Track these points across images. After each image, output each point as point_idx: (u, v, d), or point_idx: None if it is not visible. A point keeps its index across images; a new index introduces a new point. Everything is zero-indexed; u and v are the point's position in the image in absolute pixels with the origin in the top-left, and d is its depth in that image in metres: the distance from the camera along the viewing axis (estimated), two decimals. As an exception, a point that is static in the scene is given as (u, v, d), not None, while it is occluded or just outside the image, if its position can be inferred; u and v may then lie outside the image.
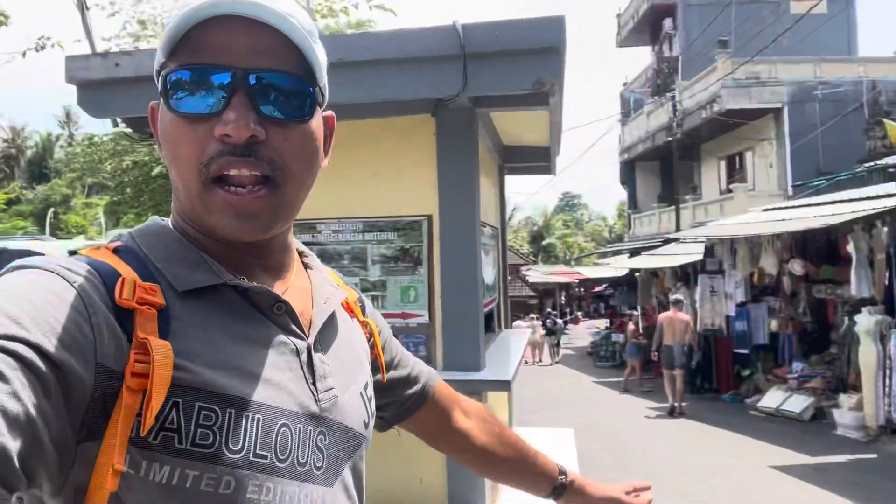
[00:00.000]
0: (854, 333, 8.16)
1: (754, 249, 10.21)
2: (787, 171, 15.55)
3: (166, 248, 0.72)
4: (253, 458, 0.65)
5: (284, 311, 0.74)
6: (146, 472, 0.61)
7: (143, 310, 0.64)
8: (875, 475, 6.49)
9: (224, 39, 0.66)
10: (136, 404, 0.60)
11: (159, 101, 0.73)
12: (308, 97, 0.71)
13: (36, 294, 0.59)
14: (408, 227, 3.64)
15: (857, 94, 14.85)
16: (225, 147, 0.66)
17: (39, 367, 0.54)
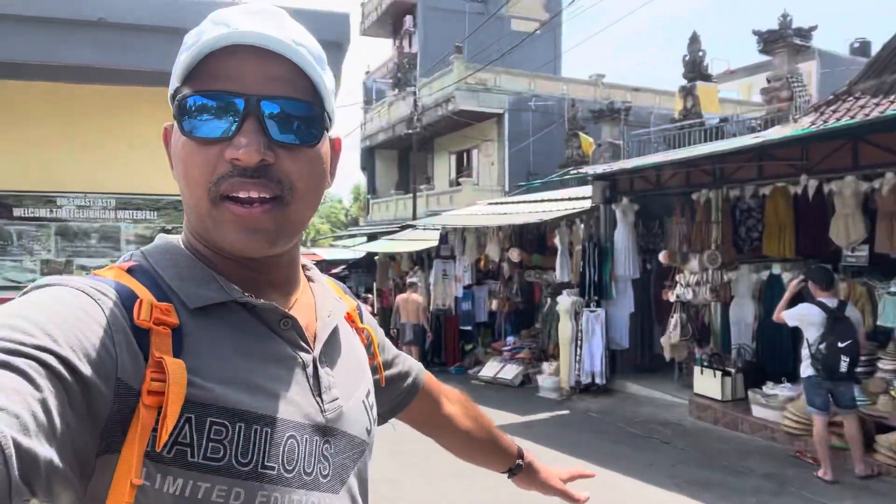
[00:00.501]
0: (555, 312, 9.77)
1: (481, 238, 11.52)
2: (506, 170, 17.72)
3: (177, 265, 0.75)
4: (261, 469, 0.68)
5: (291, 327, 0.77)
6: (161, 484, 0.64)
7: (159, 329, 0.67)
8: (567, 428, 7.92)
9: (237, 67, 0.70)
10: (151, 420, 0.63)
11: (172, 123, 0.76)
12: (317, 122, 0.74)
13: (65, 309, 0.61)
14: (171, 206, 3.46)
15: (561, 108, 17.51)
16: (236, 169, 0.70)
17: (67, 379, 0.57)
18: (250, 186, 0.70)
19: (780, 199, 7.20)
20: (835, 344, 5.36)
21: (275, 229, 0.72)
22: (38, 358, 0.55)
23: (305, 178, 0.73)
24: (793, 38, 10.61)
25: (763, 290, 7.73)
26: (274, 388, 0.72)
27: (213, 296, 0.73)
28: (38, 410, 0.52)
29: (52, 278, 0.67)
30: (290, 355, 0.77)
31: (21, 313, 0.59)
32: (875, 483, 5.59)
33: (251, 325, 0.75)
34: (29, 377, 0.53)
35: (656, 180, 8.78)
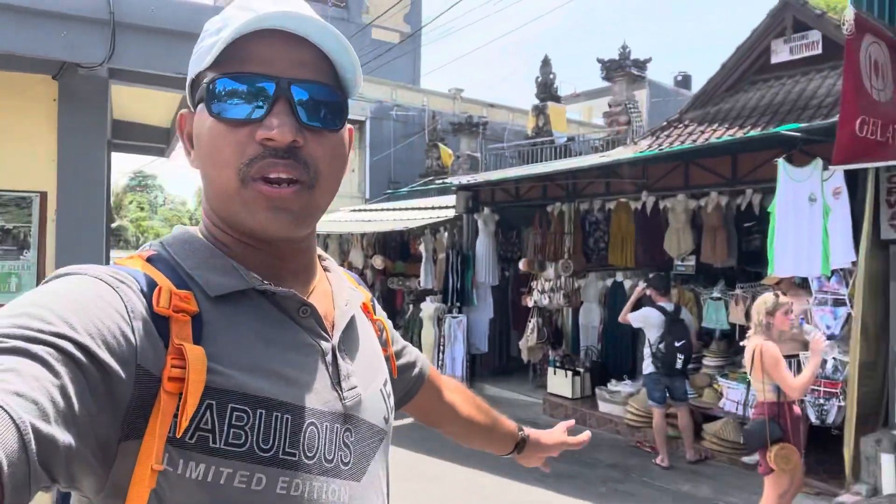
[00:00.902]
0: (418, 318, 9.94)
1: (344, 245, 11.44)
2: (367, 178, 17.72)
3: (196, 254, 0.75)
4: (282, 455, 0.69)
5: (310, 314, 0.78)
6: (183, 469, 0.64)
7: (179, 317, 0.67)
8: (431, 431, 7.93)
9: (267, 51, 0.71)
10: (172, 406, 0.63)
11: (191, 110, 0.77)
12: (340, 108, 0.76)
13: (84, 297, 0.62)
14: (12, 203, 3.16)
15: (421, 119, 17.88)
16: (266, 150, 0.70)
17: (87, 366, 0.57)
18: (281, 168, 0.71)
19: (624, 214, 7.92)
20: (672, 343, 6.02)
21: (300, 211, 0.73)
22: (57, 345, 0.55)
23: (329, 162, 0.75)
24: (631, 67, 11.73)
25: (608, 296, 8.44)
26: (294, 376, 0.73)
27: (233, 283, 0.73)
28: (57, 397, 0.53)
29: (72, 267, 0.67)
30: (310, 343, 0.77)
31: (40, 302, 0.59)
32: (703, 467, 6.32)
33: (270, 312, 0.75)
34: (48, 364, 0.54)
35: (515, 192, 9.28)
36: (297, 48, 0.72)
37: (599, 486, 5.90)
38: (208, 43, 0.73)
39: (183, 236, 0.78)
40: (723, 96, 7.72)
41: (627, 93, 11.68)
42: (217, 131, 0.72)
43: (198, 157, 0.76)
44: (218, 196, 0.75)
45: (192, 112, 0.77)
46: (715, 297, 7.05)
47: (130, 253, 0.76)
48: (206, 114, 0.72)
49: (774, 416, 4.02)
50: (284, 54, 0.72)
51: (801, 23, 7.01)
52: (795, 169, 5.25)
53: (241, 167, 0.71)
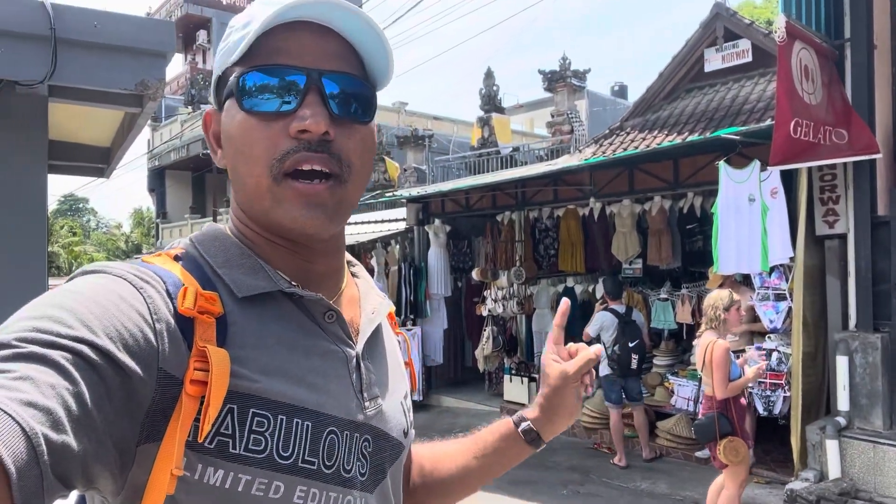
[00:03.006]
0: (371, 332, 9.86)
1: (292, 262, 11.26)
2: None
3: (226, 253, 0.73)
4: (302, 463, 0.68)
5: (335, 320, 0.76)
6: (201, 475, 0.63)
7: (203, 318, 0.65)
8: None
9: (295, 43, 0.70)
10: (194, 410, 0.62)
11: (217, 107, 0.75)
12: (371, 100, 0.75)
13: (106, 298, 0.60)
14: None
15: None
16: (300, 143, 0.69)
17: (106, 370, 0.56)
18: (314, 160, 0.69)
19: (572, 220, 8.10)
20: (626, 344, 6.17)
21: (334, 206, 0.72)
22: (76, 350, 0.54)
23: (360, 155, 0.74)
24: (571, 78, 12.03)
25: (559, 302, 8.57)
26: (316, 382, 0.72)
27: (261, 285, 0.71)
28: (72, 404, 0.52)
29: (96, 265, 0.66)
30: (334, 350, 0.75)
31: (60, 303, 0.58)
32: (659, 463, 6.48)
33: (296, 316, 0.74)
34: (64, 370, 0.53)
35: (465, 203, 9.35)
36: (326, 39, 0.72)
37: (560, 490, 5.96)
38: (235, 38, 0.72)
39: (213, 233, 0.77)
40: (661, 104, 8.01)
41: (569, 103, 11.96)
42: (248, 126, 0.70)
43: (227, 154, 0.74)
44: (249, 193, 0.73)
45: (219, 110, 0.76)
46: (662, 298, 7.28)
47: (159, 251, 0.74)
48: (236, 108, 0.71)
49: (722, 410, 4.16)
50: (313, 46, 0.71)
51: (731, 32, 7.35)
52: (735, 171, 5.49)
53: (273, 163, 0.69)
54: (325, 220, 0.71)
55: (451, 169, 14.58)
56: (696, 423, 4.33)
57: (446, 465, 1.02)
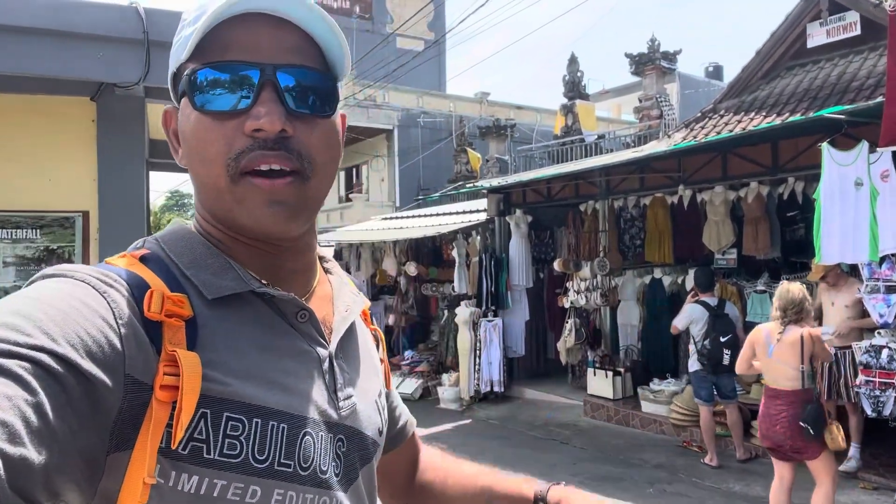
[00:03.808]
0: (453, 323, 9.91)
1: (376, 253, 11.49)
2: (396, 186, 17.80)
3: (193, 253, 0.71)
4: (278, 466, 0.66)
5: (308, 320, 0.74)
6: (175, 481, 0.61)
7: (171, 322, 0.63)
8: (470, 436, 8.04)
9: (249, 37, 0.67)
10: (165, 416, 0.60)
11: (175, 105, 0.72)
12: (331, 93, 0.72)
13: (67, 303, 0.58)
14: (56, 224, 3.21)
15: (449, 125, 17.90)
16: (255, 142, 0.66)
17: (67, 378, 0.54)
18: (271, 159, 0.67)
19: (660, 209, 7.78)
20: (717, 339, 5.87)
21: (296, 203, 0.69)
22: (34, 358, 0.52)
23: (323, 150, 0.71)
24: (660, 61, 11.54)
25: (646, 294, 8.29)
26: (290, 384, 0.70)
27: (231, 285, 0.69)
28: (31, 415, 0.50)
29: (59, 268, 0.63)
30: (306, 350, 0.74)
31: (18, 310, 0.56)
32: (753, 465, 6.14)
33: (267, 316, 0.72)
34: (22, 380, 0.51)
35: (547, 193, 9.19)
36: (281, 32, 0.68)
37: (647, 488, 5.77)
38: (187, 33, 0.68)
39: (179, 232, 0.74)
40: (758, 84, 7.53)
41: (658, 86, 11.49)
42: (202, 125, 0.68)
43: (184, 154, 0.72)
44: (209, 193, 0.71)
45: (177, 108, 0.73)
46: (759, 290, 6.86)
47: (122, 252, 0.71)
48: (190, 108, 0.68)
49: (812, 399, 4.12)
50: (268, 39, 0.68)
51: (837, 4, 6.80)
52: (840, 153, 5.08)
53: (229, 162, 0.66)
54: (287, 218, 0.69)
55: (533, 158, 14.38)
56: (808, 412, 4.07)
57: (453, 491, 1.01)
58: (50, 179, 3.11)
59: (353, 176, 20.28)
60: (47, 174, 3.11)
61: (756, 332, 4.37)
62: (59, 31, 2.72)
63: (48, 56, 2.72)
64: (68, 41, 2.74)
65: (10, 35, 2.65)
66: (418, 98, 18.23)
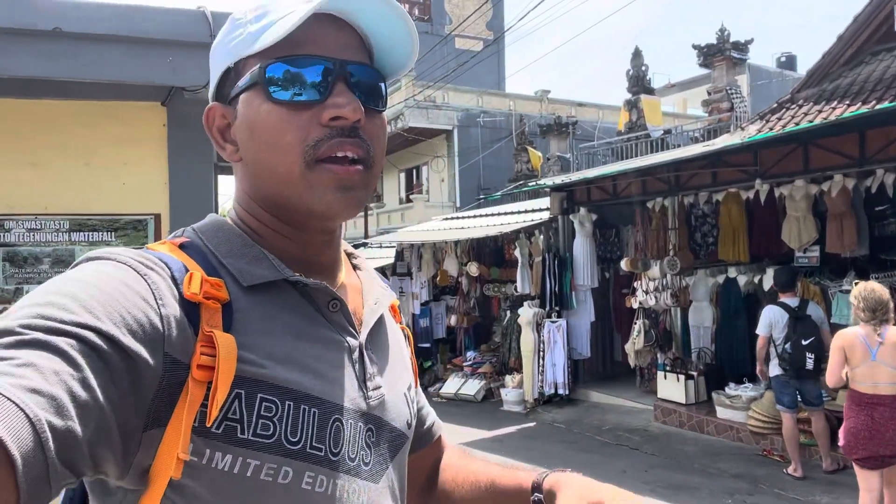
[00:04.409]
0: (516, 324, 9.76)
1: (437, 254, 11.46)
2: (456, 186, 17.76)
3: (229, 243, 0.75)
4: (310, 449, 0.68)
5: (339, 309, 0.76)
6: (209, 460, 0.63)
7: (209, 304, 0.65)
8: (535, 440, 7.89)
9: (317, 34, 0.71)
10: (200, 395, 0.62)
11: (220, 102, 0.76)
12: (383, 90, 0.77)
13: (109, 285, 0.61)
14: (129, 226, 3.27)
15: (509, 124, 17.73)
16: (332, 130, 0.70)
17: (110, 355, 0.56)
18: (348, 146, 0.70)
19: (734, 204, 7.41)
20: (799, 342, 5.52)
21: (363, 189, 0.73)
22: (79, 335, 0.54)
23: (381, 142, 0.76)
24: (730, 51, 11.07)
25: (720, 294, 7.91)
26: (321, 370, 0.72)
27: (266, 273, 0.72)
28: (78, 390, 0.52)
29: (101, 251, 0.66)
30: (337, 339, 0.76)
31: (64, 290, 0.59)
32: (841, 476, 5.74)
33: (300, 305, 0.74)
34: (68, 356, 0.53)
35: (612, 190, 8.92)
36: (342, 30, 0.73)
37: (725, 498, 5.48)
38: (252, 30, 0.72)
39: (216, 224, 0.77)
40: (840, 71, 7.08)
41: (728, 78, 11.03)
42: (276, 116, 0.71)
43: (249, 146, 0.74)
44: (277, 181, 0.72)
45: (224, 105, 0.76)
46: (844, 290, 6.41)
47: (163, 240, 0.75)
48: (262, 100, 0.71)
49: None
50: (333, 36, 0.72)
51: (930, -19, 6.30)
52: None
53: (306, 149, 0.70)
54: (356, 204, 0.73)
55: (596, 156, 14.06)
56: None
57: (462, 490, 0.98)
58: (124, 183, 3.18)
59: (413, 177, 20.39)
60: (122, 178, 3.17)
61: (846, 337, 4.06)
62: (130, 37, 2.76)
63: (121, 62, 2.76)
64: (139, 47, 2.78)
65: (86, 43, 2.71)
66: (478, 97, 18.14)
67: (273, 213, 0.76)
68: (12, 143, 3.09)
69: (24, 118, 3.09)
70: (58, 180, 3.09)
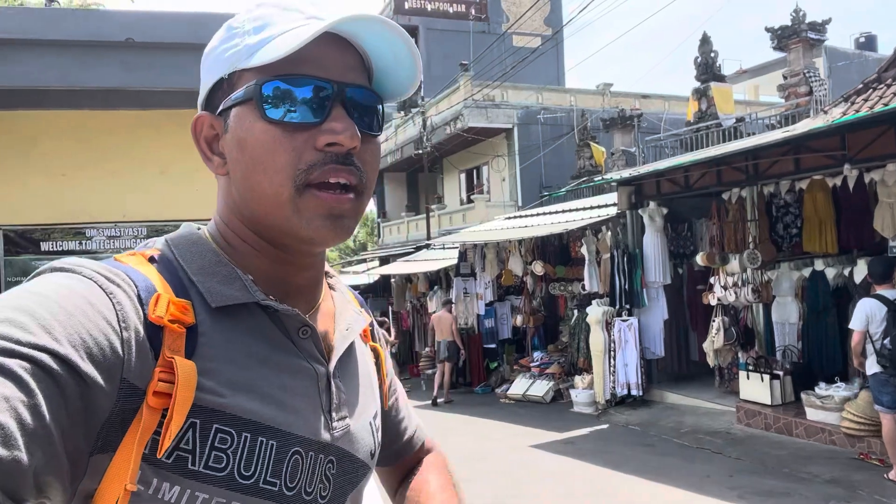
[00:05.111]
0: (584, 324, 9.51)
1: (501, 254, 11.32)
2: (518, 185, 17.56)
3: (202, 258, 0.71)
4: (263, 484, 0.65)
5: (309, 336, 0.74)
6: (156, 490, 0.61)
7: (173, 328, 0.63)
8: (609, 442, 7.64)
9: (319, 53, 0.68)
10: (154, 423, 0.60)
11: (209, 112, 0.72)
12: (380, 113, 0.74)
13: (71, 301, 0.58)
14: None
15: (570, 120, 17.40)
16: (327, 156, 0.67)
17: (65, 379, 0.54)
18: (342, 173, 0.68)
19: (819, 193, 6.97)
20: (900, 337, 5.10)
21: (353, 217, 0.71)
22: (35, 359, 0.52)
23: (374, 168, 0.73)
24: (807, 32, 10.49)
25: (806, 288, 7.46)
26: (285, 400, 0.69)
27: (236, 295, 0.69)
28: (26, 417, 0.50)
29: (67, 262, 0.63)
30: (305, 367, 0.73)
31: (22, 305, 0.56)
32: (951, 483, 5.28)
33: (269, 330, 0.71)
34: (21, 381, 0.51)
35: (684, 182, 8.57)
36: (345, 51, 0.70)
37: (821, 506, 5.12)
38: (250, 42, 0.68)
39: (191, 237, 0.73)
40: (936, 44, 6.53)
41: (805, 61, 10.45)
42: (269, 136, 0.67)
43: (238, 161, 0.70)
44: (263, 204, 0.69)
45: (212, 115, 0.72)
46: (949, 281, 5.91)
47: (132, 250, 0.72)
48: (256, 117, 0.68)
49: None
50: (335, 57, 0.69)
51: None
52: None
53: (297, 173, 0.67)
54: (343, 232, 0.70)
55: (663, 148, 13.61)
56: None
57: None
58: (197, 189, 3.22)
59: (473, 177, 20.30)
60: (195, 184, 3.21)
61: None
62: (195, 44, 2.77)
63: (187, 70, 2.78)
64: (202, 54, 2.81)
65: (157, 52, 2.75)
66: (537, 94, 17.89)
67: (255, 232, 0.73)
68: (91, 154, 3.18)
69: (101, 129, 3.17)
70: (135, 188, 3.15)
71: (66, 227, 3.23)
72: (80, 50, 2.73)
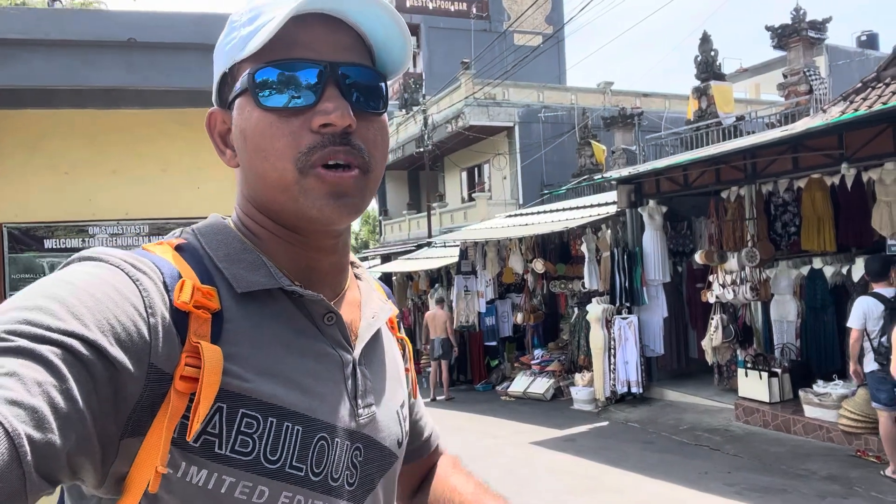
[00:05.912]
0: (584, 321, 9.54)
1: (502, 251, 11.35)
2: (519, 183, 17.59)
3: (227, 246, 0.72)
4: (289, 469, 0.66)
5: (335, 323, 0.74)
6: (184, 473, 0.62)
7: (199, 313, 0.64)
8: (609, 439, 7.68)
9: (308, 35, 0.68)
10: (182, 407, 0.61)
11: (221, 107, 0.74)
12: (382, 91, 0.73)
13: (100, 289, 0.59)
14: None
15: (571, 118, 17.42)
16: (324, 138, 0.67)
17: (95, 364, 0.55)
18: (340, 154, 0.68)
19: (817, 191, 7.00)
20: (897, 335, 5.13)
21: (359, 195, 0.70)
22: (65, 344, 0.54)
23: (379, 146, 0.72)
24: (807, 31, 10.50)
25: (804, 286, 7.49)
26: (310, 386, 0.70)
27: (262, 281, 0.70)
28: (59, 401, 0.52)
29: (94, 251, 0.65)
30: (330, 353, 0.73)
31: (52, 293, 0.57)
32: (948, 480, 5.32)
33: (294, 316, 0.72)
34: (52, 366, 0.52)
35: (684, 180, 8.60)
36: (337, 31, 0.70)
37: (818, 501, 5.16)
38: (244, 33, 0.69)
39: (216, 226, 0.75)
40: (935, 43, 6.55)
41: (805, 59, 10.47)
42: (266, 122, 0.68)
43: (244, 153, 0.71)
44: (271, 188, 0.70)
45: (224, 109, 0.74)
46: (946, 279, 5.94)
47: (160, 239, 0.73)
48: (252, 106, 0.69)
49: None
50: (325, 38, 0.69)
51: None
52: None
53: (298, 156, 0.67)
54: (350, 211, 0.70)
55: (663, 147, 13.64)
56: None
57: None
58: (199, 188, 3.25)
59: (474, 175, 20.33)
60: (197, 183, 3.25)
61: None
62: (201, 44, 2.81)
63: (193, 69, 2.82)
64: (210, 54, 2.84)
65: (160, 52, 2.78)
66: (538, 93, 17.91)
67: (271, 218, 0.74)
68: (95, 152, 3.22)
69: (105, 128, 3.21)
70: (137, 186, 3.18)
71: (70, 224, 3.27)
72: (85, 49, 2.77)
